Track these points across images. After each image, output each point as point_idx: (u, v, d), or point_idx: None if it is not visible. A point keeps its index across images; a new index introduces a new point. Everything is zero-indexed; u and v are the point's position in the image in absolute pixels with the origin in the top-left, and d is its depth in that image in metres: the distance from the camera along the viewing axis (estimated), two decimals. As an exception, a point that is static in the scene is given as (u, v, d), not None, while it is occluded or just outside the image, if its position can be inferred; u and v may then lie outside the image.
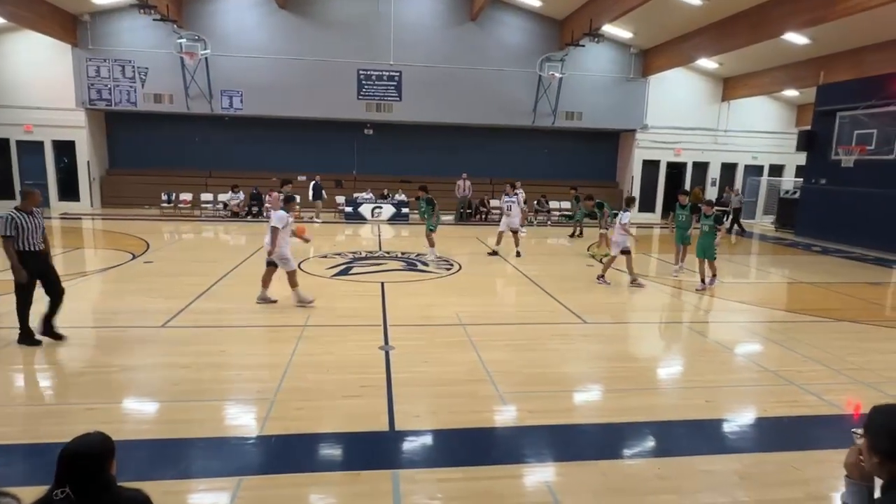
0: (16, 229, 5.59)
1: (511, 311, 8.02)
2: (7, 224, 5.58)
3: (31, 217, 5.73)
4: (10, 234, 5.58)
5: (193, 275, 9.62)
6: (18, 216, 5.63)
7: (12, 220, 5.60)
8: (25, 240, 5.66)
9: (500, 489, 3.61)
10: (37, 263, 5.78)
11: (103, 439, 1.94)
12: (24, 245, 5.66)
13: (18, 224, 5.61)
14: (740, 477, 3.81)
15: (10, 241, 5.59)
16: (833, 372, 5.85)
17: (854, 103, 15.52)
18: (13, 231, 5.59)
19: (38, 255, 5.79)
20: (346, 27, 19.71)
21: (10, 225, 5.59)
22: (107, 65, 18.91)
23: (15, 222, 5.60)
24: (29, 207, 5.75)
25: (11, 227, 5.59)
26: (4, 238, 5.59)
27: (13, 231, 5.59)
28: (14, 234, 5.59)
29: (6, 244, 5.59)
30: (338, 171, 19.77)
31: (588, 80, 21.20)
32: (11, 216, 5.62)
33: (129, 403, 4.75)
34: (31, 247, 5.72)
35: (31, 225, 5.72)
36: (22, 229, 5.63)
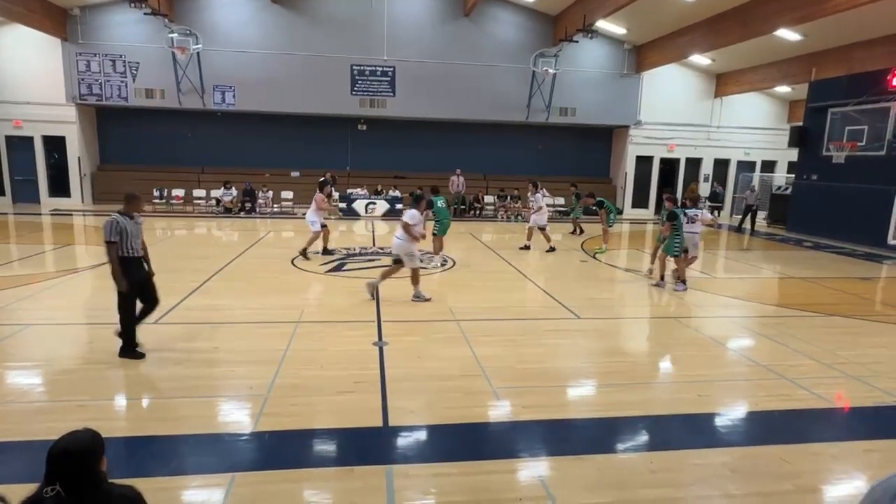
0: (119, 234, 5.30)
1: (505, 307, 8.04)
2: (111, 229, 5.28)
3: (133, 221, 5.48)
4: (114, 240, 5.29)
5: (186, 271, 9.57)
6: (122, 220, 5.36)
7: (116, 225, 5.30)
8: (128, 245, 5.40)
9: (493, 484, 3.62)
10: (137, 270, 5.54)
11: (93, 436, 1.93)
12: (126, 251, 5.39)
13: (122, 229, 5.32)
14: (731, 470, 3.85)
15: (114, 246, 5.30)
16: (823, 366, 5.90)
17: (845, 100, 15.61)
18: (116, 236, 5.30)
19: (138, 262, 5.56)
20: (339, 22, 19.61)
21: (114, 230, 5.29)
22: (97, 59, 18.74)
23: (119, 227, 5.31)
24: (132, 211, 5.48)
25: (115, 232, 5.29)
26: (108, 244, 5.30)
27: (116, 236, 5.30)
28: (117, 240, 5.30)
29: (110, 250, 5.31)
30: (331, 167, 19.68)
31: (582, 76, 21.21)
32: (116, 220, 5.32)
33: (121, 400, 4.73)
34: (132, 252, 5.46)
35: (134, 230, 5.46)
36: (125, 234, 5.35)
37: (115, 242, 5.31)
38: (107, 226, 5.30)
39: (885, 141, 14.49)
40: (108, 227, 5.30)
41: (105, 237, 5.30)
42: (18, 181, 19.45)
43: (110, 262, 5.33)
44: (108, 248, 5.31)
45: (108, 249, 5.32)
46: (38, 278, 8.81)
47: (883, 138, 14.55)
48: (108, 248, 5.31)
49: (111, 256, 5.32)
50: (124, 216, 5.41)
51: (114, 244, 5.30)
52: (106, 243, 5.31)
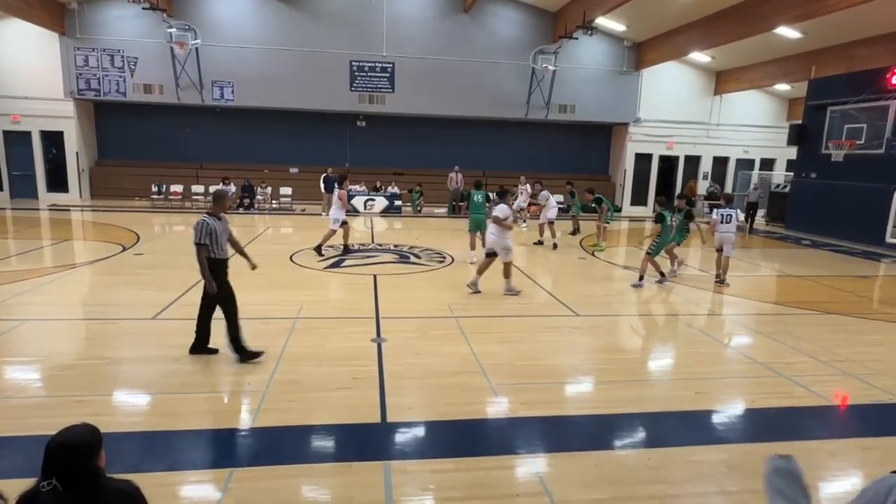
0: (209, 236, 5.18)
1: (503, 304, 8.04)
2: (202, 231, 5.15)
3: (221, 222, 5.36)
4: (205, 242, 5.17)
5: (184, 267, 9.53)
6: (212, 222, 5.24)
7: (207, 226, 5.17)
8: (218, 247, 5.28)
9: (491, 480, 3.63)
10: (224, 272, 5.43)
11: (90, 430, 1.93)
12: (215, 252, 5.27)
13: (212, 230, 5.20)
14: (728, 467, 3.86)
15: (204, 249, 5.18)
16: (821, 364, 5.91)
17: (845, 98, 15.61)
18: (206, 238, 5.17)
19: (224, 264, 5.42)
20: (338, 18, 19.55)
21: (204, 231, 5.15)
22: (95, 54, 18.66)
23: (209, 228, 5.18)
24: (219, 211, 5.39)
25: (205, 234, 5.16)
26: (199, 246, 5.17)
27: (206, 238, 5.17)
28: (207, 242, 5.18)
29: (200, 252, 5.18)
30: (330, 164, 19.67)
31: (581, 73, 21.18)
32: (206, 222, 5.19)
33: (119, 396, 4.73)
34: (221, 254, 5.33)
35: (222, 230, 5.34)
36: (214, 236, 5.22)
37: (206, 245, 5.18)
38: (197, 228, 5.16)
39: (884, 139, 14.51)
40: (198, 230, 5.16)
41: (195, 239, 5.17)
42: (16, 176, 19.40)
43: (200, 265, 5.21)
44: (199, 250, 5.18)
45: (199, 252, 5.18)
46: (36, 274, 8.79)
47: (882, 137, 14.57)
48: (199, 250, 5.18)
49: (201, 259, 5.20)
50: (213, 217, 5.29)
51: (204, 246, 5.17)
52: (196, 245, 5.18)
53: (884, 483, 1.65)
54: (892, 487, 1.61)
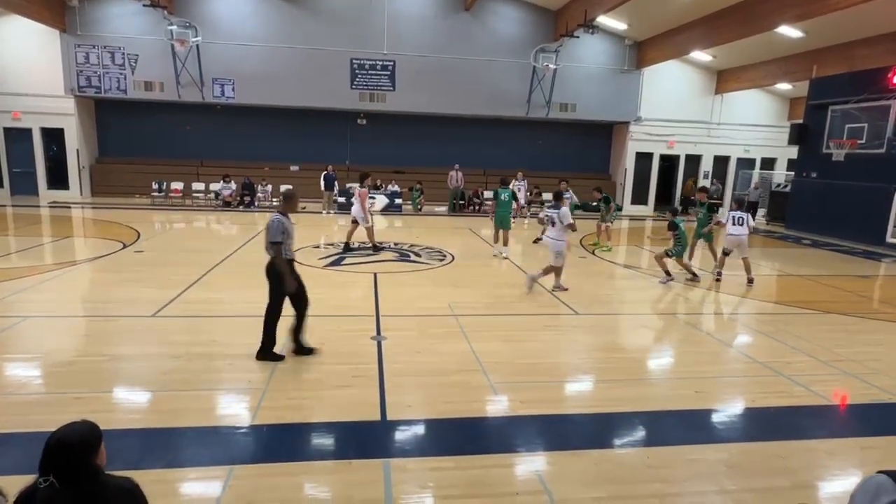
0: (283, 233, 5.14)
1: (503, 302, 8.04)
2: (278, 229, 5.12)
3: (290, 222, 5.32)
4: (280, 240, 5.13)
5: (184, 264, 9.57)
6: (286, 221, 5.21)
7: (281, 224, 5.14)
8: (288, 247, 5.25)
9: (490, 478, 3.63)
10: (295, 272, 5.38)
11: (90, 427, 1.93)
12: (287, 252, 5.23)
13: (286, 229, 5.17)
14: (727, 466, 3.86)
15: (280, 247, 5.14)
16: (821, 363, 5.92)
17: (846, 97, 15.59)
18: (282, 236, 5.13)
19: (292, 264, 5.37)
20: (339, 16, 19.53)
21: (279, 229, 5.12)
22: (96, 51, 18.65)
23: (283, 226, 5.15)
24: (289, 211, 5.36)
25: (280, 232, 5.13)
26: (275, 244, 5.12)
27: (282, 236, 5.13)
28: (283, 240, 5.15)
29: (277, 250, 5.13)
30: (331, 161, 19.67)
31: (582, 72, 21.15)
32: (281, 220, 5.16)
33: (119, 393, 4.73)
34: (290, 254, 5.30)
35: (293, 230, 5.33)
36: (287, 235, 5.19)
37: (282, 243, 5.15)
38: (274, 226, 5.14)
39: (885, 139, 14.50)
40: (275, 227, 5.13)
41: (271, 238, 5.14)
42: (17, 173, 19.40)
43: (278, 263, 5.17)
44: (275, 248, 5.14)
45: (276, 250, 5.15)
46: (37, 271, 8.80)
47: (883, 136, 14.56)
48: (275, 248, 5.14)
49: (279, 257, 5.17)
50: (285, 216, 5.27)
51: (280, 244, 5.14)
52: (272, 244, 5.14)
53: (871, 482, 1.65)
54: (878, 487, 1.62)
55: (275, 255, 5.18)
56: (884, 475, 1.64)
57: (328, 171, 18.55)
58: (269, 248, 5.24)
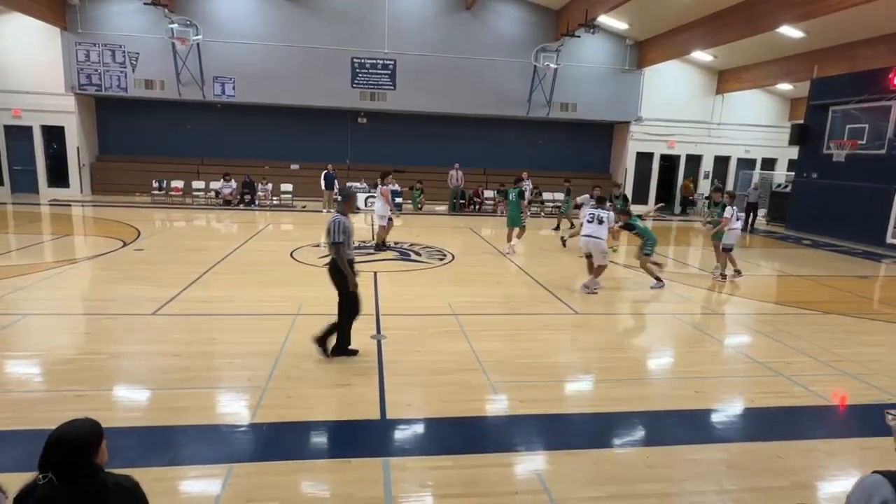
0: (344, 233, 5.16)
1: (503, 302, 8.04)
2: (339, 228, 5.13)
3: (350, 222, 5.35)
4: (342, 240, 5.15)
5: (184, 263, 9.57)
6: (346, 221, 5.22)
7: (343, 224, 5.16)
8: (348, 246, 5.26)
9: (490, 477, 3.63)
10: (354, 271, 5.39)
11: (90, 425, 1.93)
12: (348, 252, 5.27)
13: (346, 228, 5.19)
14: (727, 466, 3.86)
15: (341, 247, 5.15)
16: (820, 363, 5.92)
17: (847, 98, 15.58)
18: (343, 236, 5.15)
19: (353, 264, 5.39)
20: (340, 14, 19.52)
21: (340, 229, 5.14)
22: (97, 49, 18.64)
23: (344, 226, 5.17)
24: (348, 211, 5.38)
25: (342, 232, 5.14)
26: (337, 244, 5.13)
27: (343, 236, 5.15)
28: (344, 240, 5.16)
29: (339, 250, 5.14)
30: (331, 160, 19.66)
31: (583, 72, 21.14)
32: (342, 220, 5.17)
33: (118, 391, 4.74)
34: (351, 254, 5.32)
35: (353, 230, 5.36)
36: (348, 235, 5.22)
37: (343, 243, 5.17)
38: (335, 226, 5.15)
39: (886, 139, 14.49)
40: (336, 227, 5.14)
41: (333, 238, 5.15)
42: (17, 171, 19.40)
43: (341, 263, 5.19)
44: (337, 248, 5.15)
45: (338, 250, 5.16)
46: (37, 268, 8.80)
47: (884, 137, 14.55)
48: (337, 248, 5.15)
49: (341, 256, 5.17)
50: (345, 216, 5.27)
51: (341, 244, 5.16)
52: (334, 244, 5.16)
53: (866, 482, 1.66)
54: (873, 486, 1.62)
55: (336, 254, 5.20)
56: (878, 475, 1.65)
57: (328, 170, 18.54)
58: (329, 248, 5.27)
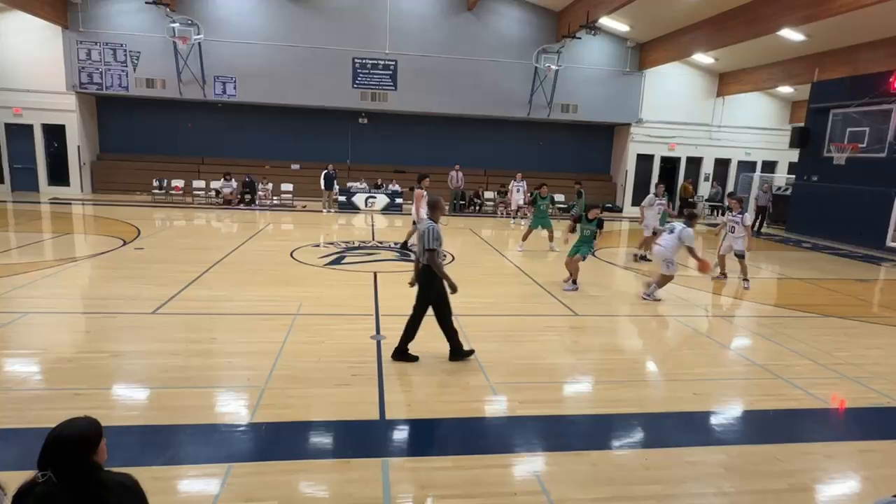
0: (437, 240, 5.28)
1: (502, 303, 8.04)
2: (433, 235, 5.25)
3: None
4: (436, 246, 5.26)
5: (184, 262, 9.57)
6: (438, 227, 5.34)
7: (436, 231, 5.29)
8: (441, 252, 5.38)
9: (489, 478, 3.63)
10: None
11: (89, 424, 1.93)
12: (440, 257, 5.38)
13: (439, 235, 5.32)
14: (726, 468, 3.86)
15: (435, 253, 5.27)
16: (820, 367, 5.92)
17: (847, 101, 15.59)
18: (436, 242, 5.26)
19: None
20: (341, 15, 19.53)
21: (433, 235, 5.26)
22: (98, 48, 18.65)
23: (437, 232, 5.29)
24: (438, 218, 5.46)
25: (435, 238, 5.26)
26: (431, 251, 5.24)
27: (436, 242, 5.26)
28: (437, 246, 5.28)
29: (433, 256, 5.25)
30: (331, 160, 19.68)
31: (584, 73, 21.15)
32: (435, 227, 5.30)
33: (117, 389, 4.73)
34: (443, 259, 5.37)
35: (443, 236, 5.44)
36: (440, 241, 5.33)
37: (436, 249, 5.27)
38: (430, 232, 5.25)
39: (886, 143, 14.50)
40: (431, 234, 5.25)
41: (428, 244, 5.25)
42: (17, 169, 19.40)
43: (436, 268, 5.28)
44: (431, 255, 5.25)
45: (432, 256, 5.26)
46: (37, 267, 8.80)
47: (884, 140, 14.56)
48: (431, 255, 5.25)
49: (436, 262, 5.28)
50: (436, 223, 5.37)
51: (435, 251, 5.26)
52: (428, 251, 5.25)
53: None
54: None
55: (429, 261, 5.27)
56: None
57: (328, 170, 18.56)
58: (422, 254, 5.34)
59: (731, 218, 9.94)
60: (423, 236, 5.28)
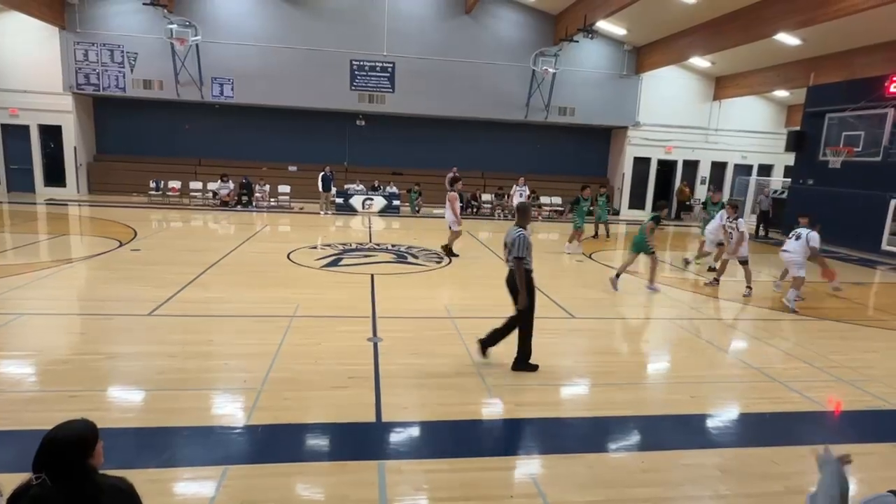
0: (527, 249, 5.22)
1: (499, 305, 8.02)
2: (524, 244, 5.17)
3: None
4: (524, 255, 5.18)
5: (181, 264, 9.55)
6: (529, 235, 5.28)
7: (527, 240, 5.21)
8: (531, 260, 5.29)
9: (485, 481, 3.63)
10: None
11: (85, 426, 1.92)
12: (530, 264, 5.29)
13: (530, 243, 5.26)
14: (722, 471, 3.87)
15: (524, 262, 5.19)
16: (816, 370, 5.94)
17: (843, 105, 15.66)
18: (526, 251, 5.19)
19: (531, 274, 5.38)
20: (339, 16, 19.55)
21: (525, 244, 5.18)
22: (95, 49, 18.61)
23: (528, 241, 5.22)
24: (526, 224, 5.40)
25: (526, 247, 5.18)
26: (521, 259, 5.17)
27: (526, 251, 5.19)
28: (526, 255, 5.20)
29: (521, 265, 5.19)
30: (329, 162, 19.67)
31: (581, 76, 21.21)
32: (526, 235, 5.22)
33: (113, 391, 4.72)
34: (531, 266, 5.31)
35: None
36: (531, 248, 5.28)
37: (524, 258, 5.20)
38: (521, 241, 5.19)
39: (882, 147, 14.57)
40: (523, 243, 5.18)
41: (518, 252, 5.19)
42: (14, 170, 19.33)
43: (523, 279, 5.22)
44: (519, 263, 5.20)
45: (519, 265, 5.20)
46: (33, 268, 8.77)
47: (879, 144, 14.63)
48: (519, 263, 5.20)
49: (524, 272, 5.22)
50: (525, 229, 5.31)
51: (523, 259, 5.20)
52: (516, 259, 5.20)
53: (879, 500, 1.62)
54: None
55: (517, 267, 5.22)
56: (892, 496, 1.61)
57: (326, 172, 18.55)
58: (511, 261, 5.30)
59: (728, 224, 9.91)
60: (515, 244, 5.21)
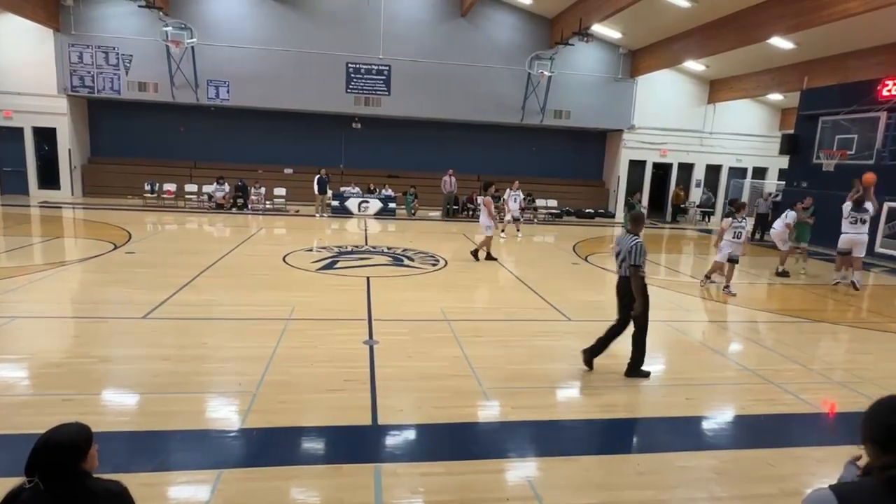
0: (643, 256, 5.21)
1: (496, 308, 8.05)
2: (642, 252, 5.19)
3: None
4: (640, 263, 5.19)
5: (176, 266, 9.51)
6: (644, 243, 5.26)
7: (644, 248, 5.22)
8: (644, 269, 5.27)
9: (481, 484, 3.62)
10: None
11: (79, 430, 1.90)
12: (644, 272, 5.29)
13: (646, 252, 5.25)
14: (717, 473, 3.87)
15: (640, 270, 5.19)
16: (810, 371, 5.96)
17: (836, 108, 15.76)
18: (642, 259, 5.20)
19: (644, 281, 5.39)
20: (335, 19, 19.56)
21: (642, 252, 5.19)
22: (90, 51, 18.56)
23: (644, 249, 5.23)
24: (639, 232, 5.43)
25: (643, 255, 5.19)
26: (637, 267, 5.19)
27: (642, 259, 5.20)
28: (641, 263, 5.20)
29: (637, 273, 5.20)
30: (325, 165, 19.66)
31: (577, 80, 21.28)
32: (642, 243, 5.23)
33: (107, 395, 4.69)
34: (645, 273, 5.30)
35: None
36: (646, 258, 5.28)
37: (640, 266, 5.22)
38: (637, 248, 5.21)
39: (874, 150, 14.67)
40: (638, 250, 5.21)
41: (634, 260, 5.22)
42: (7, 172, 19.22)
43: (639, 286, 5.25)
44: (635, 271, 5.23)
45: (636, 272, 5.23)
46: (26, 271, 8.72)
47: (873, 147, 14.73)
48: (635, 271, 5.23)
49: (640, 280, 5.25)
50: (638, 237, 5.34)
51: (640, 267, 5.22)
52: (634, 266, 5.23)
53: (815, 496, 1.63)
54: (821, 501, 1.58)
55: (633, 275, 5.27)
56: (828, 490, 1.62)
57: (321, 175, 18.54)
58: (626, 268, 5.32)
59: (737, 224, 9.49)
60: (631, 251, 5.24)
